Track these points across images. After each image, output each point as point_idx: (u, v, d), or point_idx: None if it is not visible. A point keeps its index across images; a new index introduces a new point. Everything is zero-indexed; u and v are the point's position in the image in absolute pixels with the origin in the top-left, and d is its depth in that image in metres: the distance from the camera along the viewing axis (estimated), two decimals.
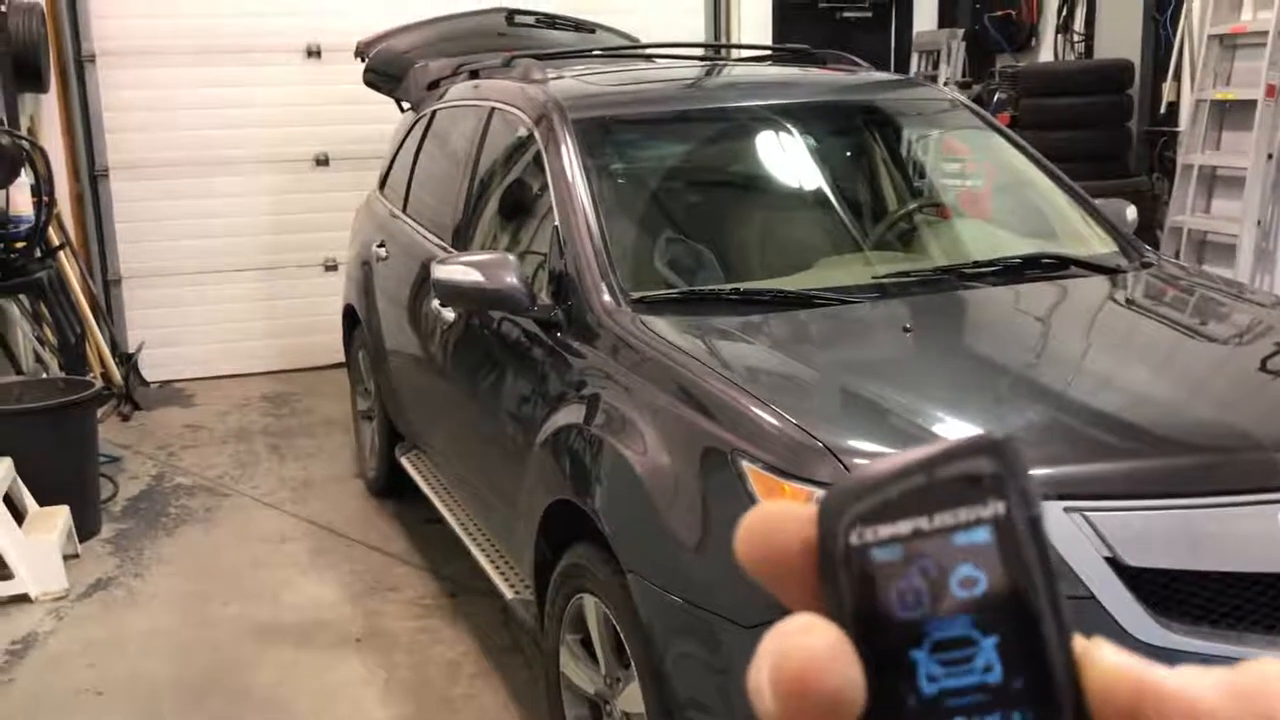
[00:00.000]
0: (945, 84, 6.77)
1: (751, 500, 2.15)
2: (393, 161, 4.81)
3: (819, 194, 3.42)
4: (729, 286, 2.99)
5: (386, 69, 5.32)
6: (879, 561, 0.33)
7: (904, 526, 0.33)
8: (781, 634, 0.32)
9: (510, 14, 4.26)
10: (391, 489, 4.65)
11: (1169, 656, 1.96)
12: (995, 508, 0.33)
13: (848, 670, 0.32)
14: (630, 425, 2.50)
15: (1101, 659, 0.32)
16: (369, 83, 5.46)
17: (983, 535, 0.33)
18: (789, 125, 3.44)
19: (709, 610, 2.21)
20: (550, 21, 5.32)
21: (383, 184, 4.86)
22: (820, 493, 0.36)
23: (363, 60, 5.50)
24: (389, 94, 5.27)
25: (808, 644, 0.32)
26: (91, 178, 6.43)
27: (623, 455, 2.45)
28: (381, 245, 4.47)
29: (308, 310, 6.64)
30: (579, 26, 5.37)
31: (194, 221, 6.58)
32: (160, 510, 4.78)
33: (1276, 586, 2.08)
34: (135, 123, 6.43)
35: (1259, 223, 5.25)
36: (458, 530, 3.64)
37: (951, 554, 0.33)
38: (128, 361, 6.23)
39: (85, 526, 4.42)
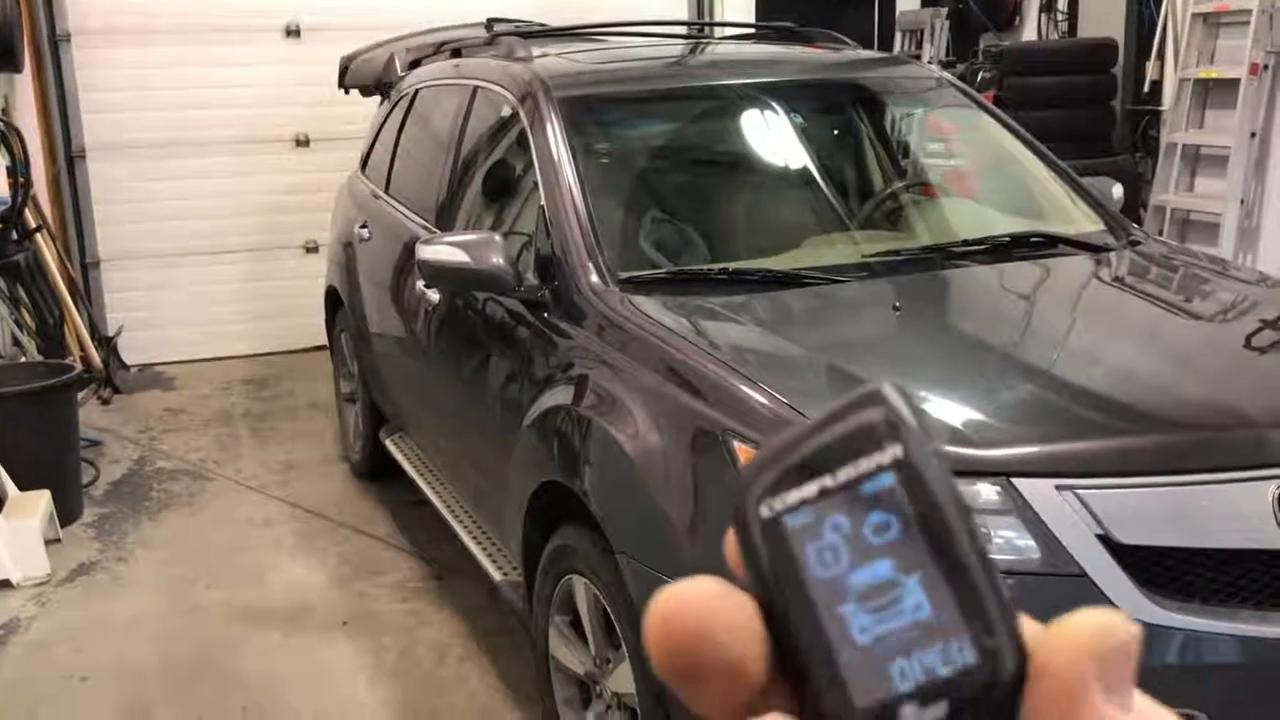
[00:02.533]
0: (930, 63, 6.75)
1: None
2: (374, 141, 4.76)
3: (805, 173, 3.40)
4: (717, 266, 2.97)
5: (364, 82, 5.29)
6: (792, 527, 0.33)
7: (810, 488, 0.33)
8: (672, 589, 0.32)
9: (489, 24, 4.23)
10: (376, 472, 4.62)
11: (1160, 633, 1.97)
12: (893, 451, 0.33)
13: (744, 622, 0.31)
14: (619, 406, 2.49)
15: (1069, 654, 0.31)
16: (348, 87, 5.41)
17: (887, 480, 0.33)
18: (775, 104, 3.42)
19: None
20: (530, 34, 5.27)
21: (364, 164, 4.82)
22: None
23: (342, 78, 5.45)
24: (373, 91, 5.21)
25: (700, 595, 0.32)
26: (68, 159, 6.35)
27: (612, 436, 2.44)
28: (364, 226, 4.44)
29: (289, 292, 6.58)
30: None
31: (173, 203, 6.50)
32: (142, 494, 4.74)
33: (1267, 563, 2.09)
34: (112, 103, 6.34)
35: (1242, 201, 5.27)
36: (444, 513, 3.63)
37: (860, 504, 0.33)
38: (107, 345, 6.17)
39: (67, 511, 4.38)
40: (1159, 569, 2.04)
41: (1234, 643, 2.01)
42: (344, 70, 5.46)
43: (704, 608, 0.32)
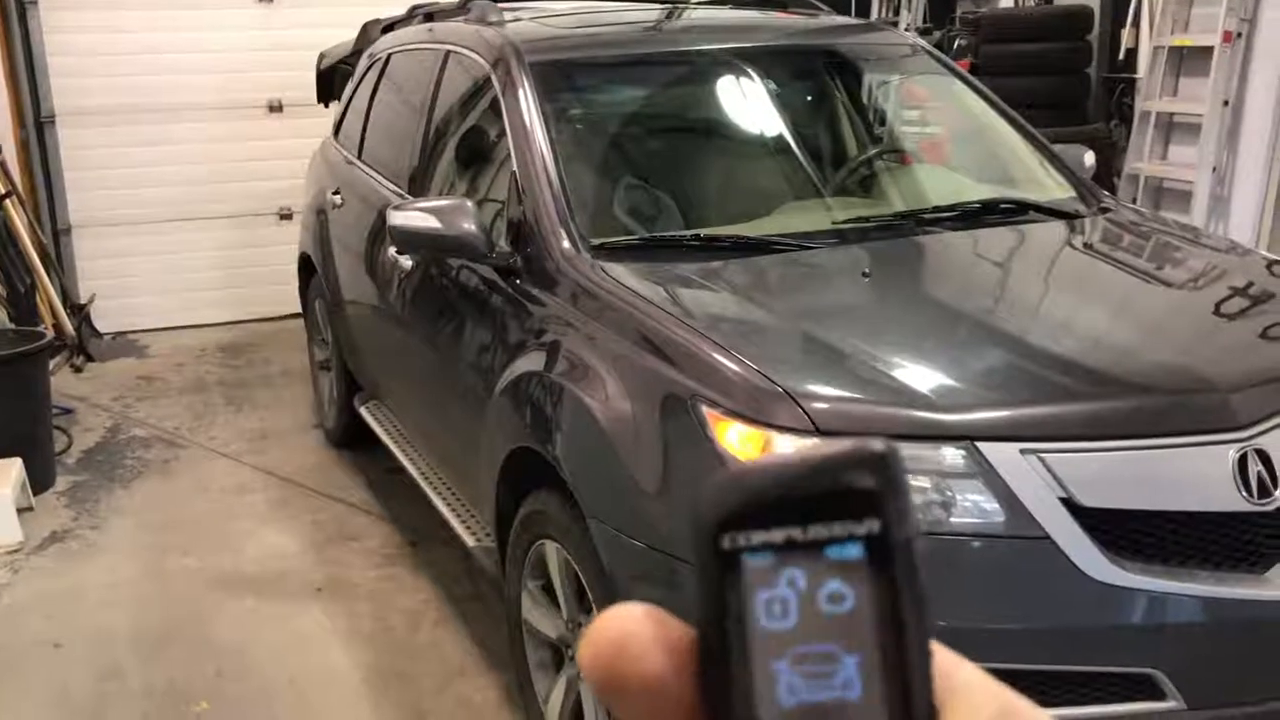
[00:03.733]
0: (906, 30, 6.73)
1: (711, 444, 2.15)
2: (347, 107, 4.72)
3: (779, 139, 3.40)
4: (689, 233, 2.97)
5: (342, 55, 5.23)
6: (750, 567, 0.32)
7: (777, 534, 0.32)
8: (603, 616, 0.32)
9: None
10: (351, 439, 4.62)
11: (1122, 594, 2.00)
12: (870, 525, 0.32)
13: (665, 653, 0.31)
14: (590, 372, 2.49)
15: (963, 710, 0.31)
16: (325, 71, 5.35)
17: (855, 551, 0.32)
18: (749, 69, 3.41)
19: (670, 554, 2.22)
20: None
21: (337, 130, 4.78)
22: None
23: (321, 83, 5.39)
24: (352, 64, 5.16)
25: (625, 624, 0.32)
26: (37, 124, 6.26)
27: (583, 402, 2.45)
28: (337, 193, 4.41)
29: (263, 260, 6.54)
30: None
31: (145, 170, 6.44)
32: (116, 462, 4.72)
33: (1226, 525, 2.12)
34: (82, 68, 6.25)
35: (1214, 169, 5.30)
36: (418, 479, 3.63)
37: (822, 567, 0.32)
38: (79, 312, 6.12)
39: (39, 479, 4.36)
40: (1121, 531, 2.07)
41: (1193, 603, 2.05)
42: (322, 75, 5.39)
43: (626, 624, 0.33)
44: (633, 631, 0.32)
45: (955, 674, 0.33)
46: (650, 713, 0.32)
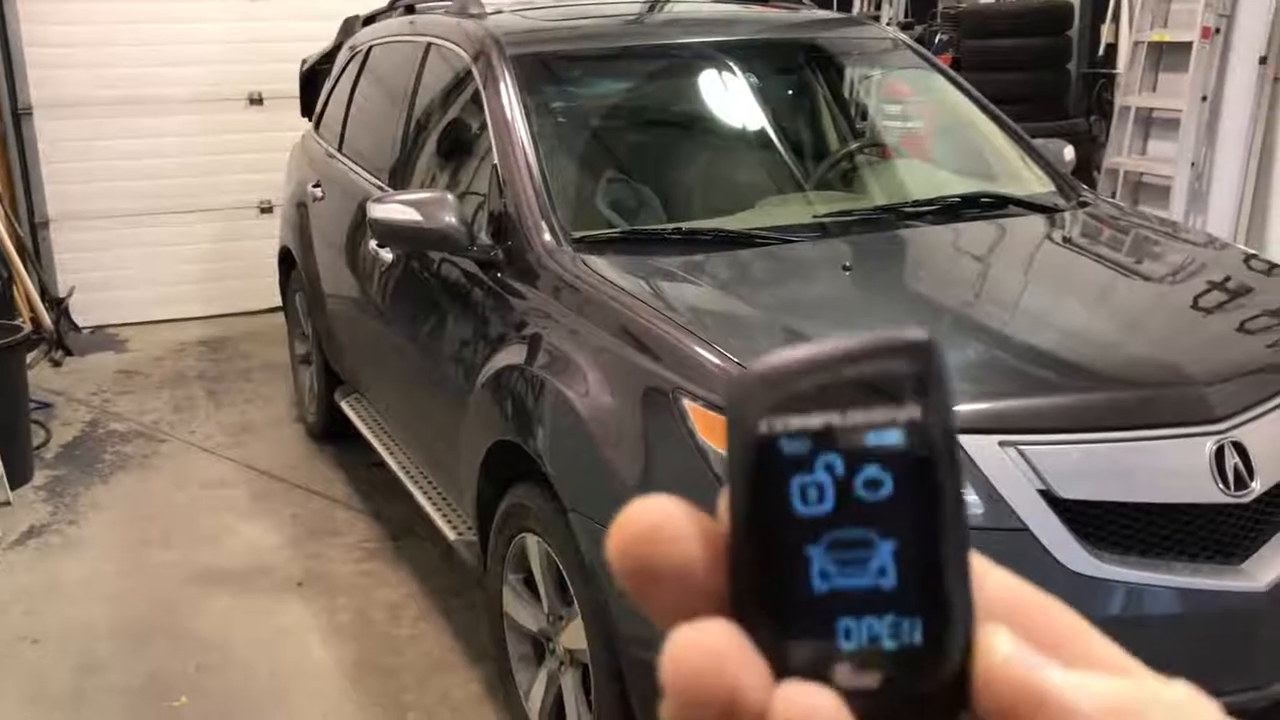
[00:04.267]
0: (888, 24, 6.74)
1: (693, 437, 2.16)
2: (328, 99, 4.70)
3: (761, 133, 3.40)
4: (670, 226, 2.97)
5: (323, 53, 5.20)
6: (786, 453, 0.32)
7: (816, 420, 0.32)
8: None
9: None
10: (332, 433, 4.60)
11: (1100, 586, 2.01)
12: (911, 411, 0.31)
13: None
14: (572, 365, 2.49)
15: (990, 651, 0.31)
16: (307, 78, 5.31)
17: (894, 438, 0.31)
18: (731, 63, 3.41)
19: None
20: None
21: (318, 123, 4.75)
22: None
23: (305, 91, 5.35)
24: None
25: (658, 511, 0.32)
26: (14, 116, 6.21)
27: (564, 395, 2.44)
28: (317, 186, 4.38)
29: (243, 253, 6.50)
30: None
31: (124, 162, 6.39)
32: (95, 456, 4.69)
33: (1203, 517, 2.13)
34: (59, 59, 6.20)
35: (1193, 164, 5.33)
36: (399, 473, 3.62)
37: (860, 453, 0.31)
38: (58, 306, 6.07)
39: (17, 474, 4.33)
40: (1099, 523, 2.08)
41: (1170, 595, 2.06)
42: (305, 83, 5.36)
43: (655, 513, 0.32)
44: (667, 517, 0.32)
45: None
46: (679, 603, 0.32)
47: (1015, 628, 0.31)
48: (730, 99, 3.47)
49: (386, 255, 3.49)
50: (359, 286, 3.85)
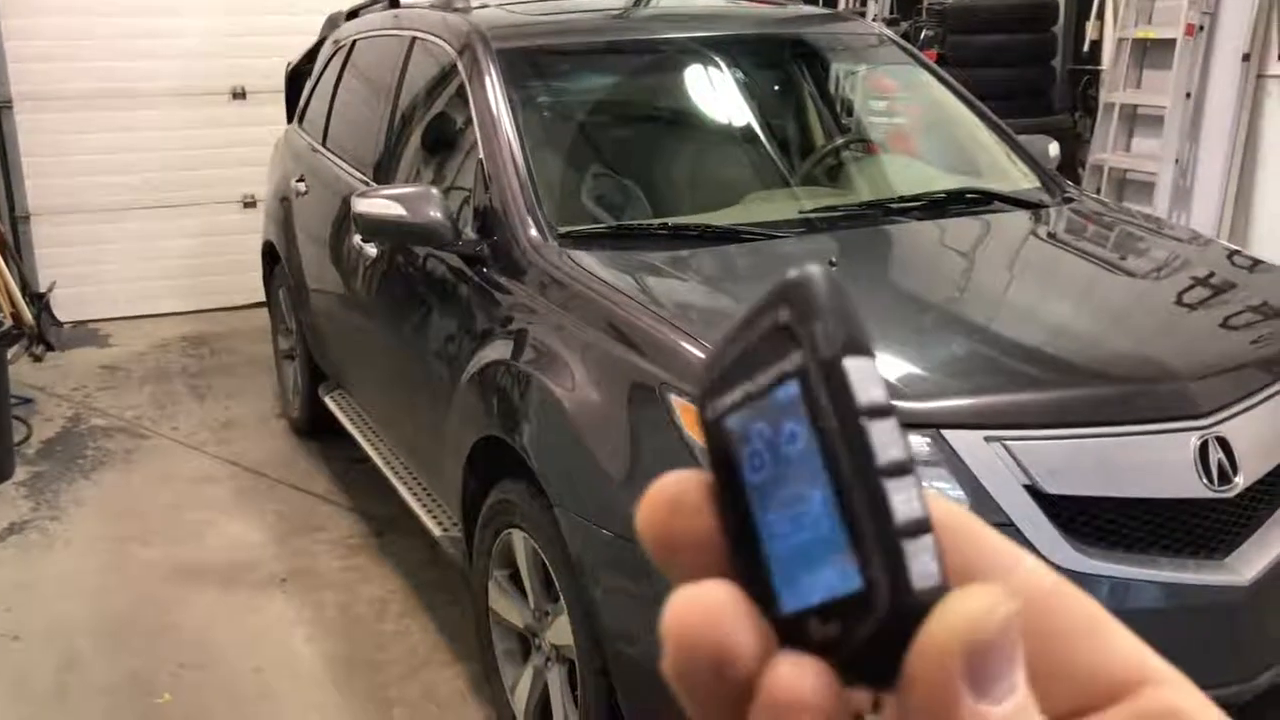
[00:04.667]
0: (874, 20, 6.75)
1: (679, 432, 2.15)
2: (311, 93, 4.67)
3: (747, 128, 3.40)
4: (657, 221, 2.96)
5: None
6: (730, 431, 0.33)
7: (738, 393, 0.33)
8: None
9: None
10: (316, 429, 4.58)
11: (1085, 581, 2.02)
12: (794, 357, 0.31)
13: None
14: (558, 360, 2.48)
15: (939, 617, 0.29)
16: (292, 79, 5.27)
17: (792, 389, 0.31)
18: (717, 58, 3.40)
19: (637, 542, 2.21)
20: None
21: (301, 117, 4.73)
22: None
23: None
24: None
25: (678, 486, 0.33)
26: None
27: (550, 390, 2.44)
28: (301, 180, 4.36)
29: (226, 248, 6.46)
30: None
31: (106, 156, 6.34)
32: (77, 453, 4.66)
33: (1187, 512, 2.14)
34: (40, 52, 6.15)
35: (1177, 160, 5.35)
36: (384, 469, 3.61)
37: (775, 412, 0.32)
38: (39, 301, 6.03)
39: None
40: (1084, 518, 2.09)
41: (1154, 589, 2.07)
42: (290, 85, 5.32)
43: (679, 487, 0.34)
44: (686, 491, 0.33)
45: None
46: (699, 570, 0.33)
47: (1026, 617, 0.29)
48: (716, 94, 3.47)
49: (371, 250, 3.48)
50: (343, 281, 3.84)
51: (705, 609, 0.31)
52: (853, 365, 0.31)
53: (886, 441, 0.31)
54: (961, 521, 0.33)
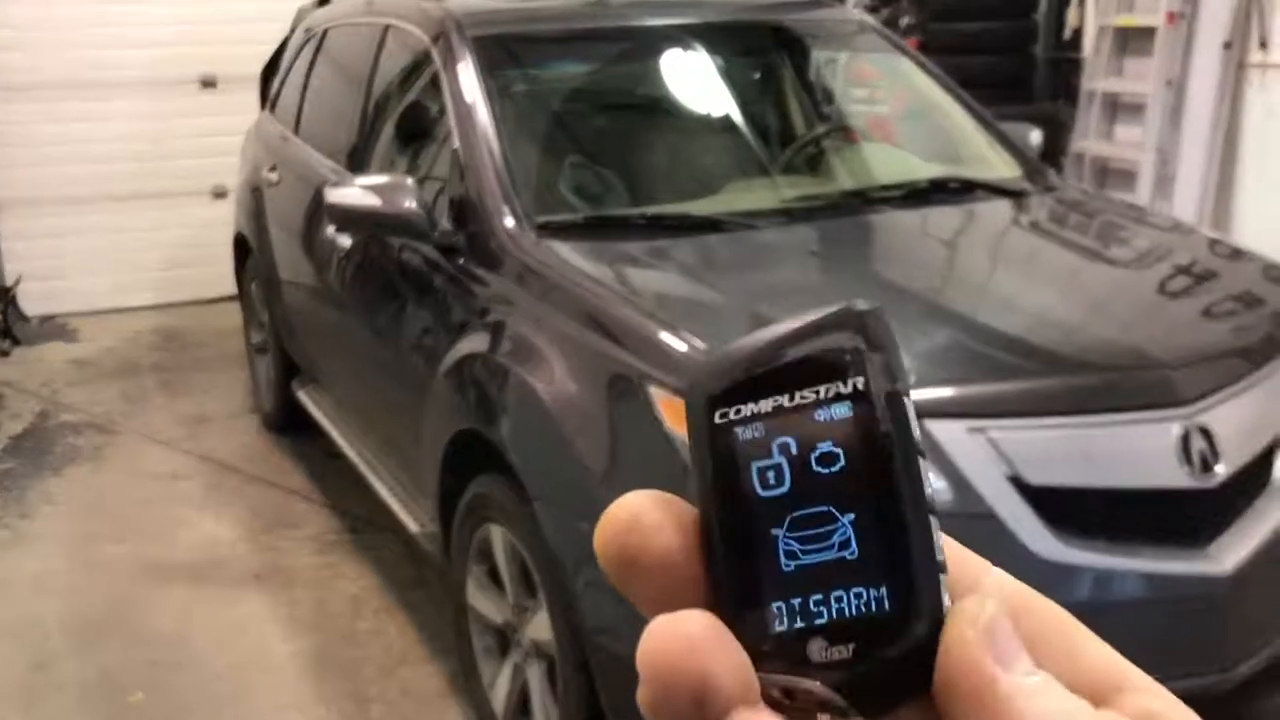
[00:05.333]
0: (854, 7, 6.71)
1: (659, 424, 2.12)
2: (283, 82, 4.60)
3: (727, 117, 3.36)
4: (635, 211, 2.92)
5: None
6: (742, 440, 0.32)
7: (766, 404, 0.32)
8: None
9: None
10: (289, 424, 4.52)
11: (1067, 571, 2.00)
12: (854, 382, 0.32)
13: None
14: (536, 352, 2.44)
15: (959, 626, 0.31)
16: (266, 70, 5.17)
17: (842, 411, 0.32)
18: (697, 45, 3.36)
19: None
20: None
21: (273, 105, 4.66)
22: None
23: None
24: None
25: (636, 504, 0.33)
26: None
27: (528, 383, 2.40)
28: (273, 170, 4.29)
29: (197, 240, 6.37)
30: None
31: (74, 146, 6.23)
32: (45, 449, 4.58)
33: (1169, 501, 2.13)
34: (6, 41, 6.04)
35: (1158, 149, 5.35)
36: (358, 464, 3.56)
37: (812, 431, 0.32)
38: (5, 295, 5.93)
39: None
40: (1067, 508, 2.06)
41: (1137, 579, 2.05)
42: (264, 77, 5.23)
43: (638, 505, 0.33)
44: (645, 510, 0.33)
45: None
46: (662, 590, 0.33)
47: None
48: (696, 82, 3.43)
49: (344, 241, 3.42)
50: (316, 273, 3.78)
51: (687, 640, 0.30)
52: (909, 403, 0.32)
53: (929, 478, 0.32)
54: None
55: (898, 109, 3.83)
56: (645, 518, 0.33)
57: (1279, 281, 2.69)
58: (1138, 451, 2.13)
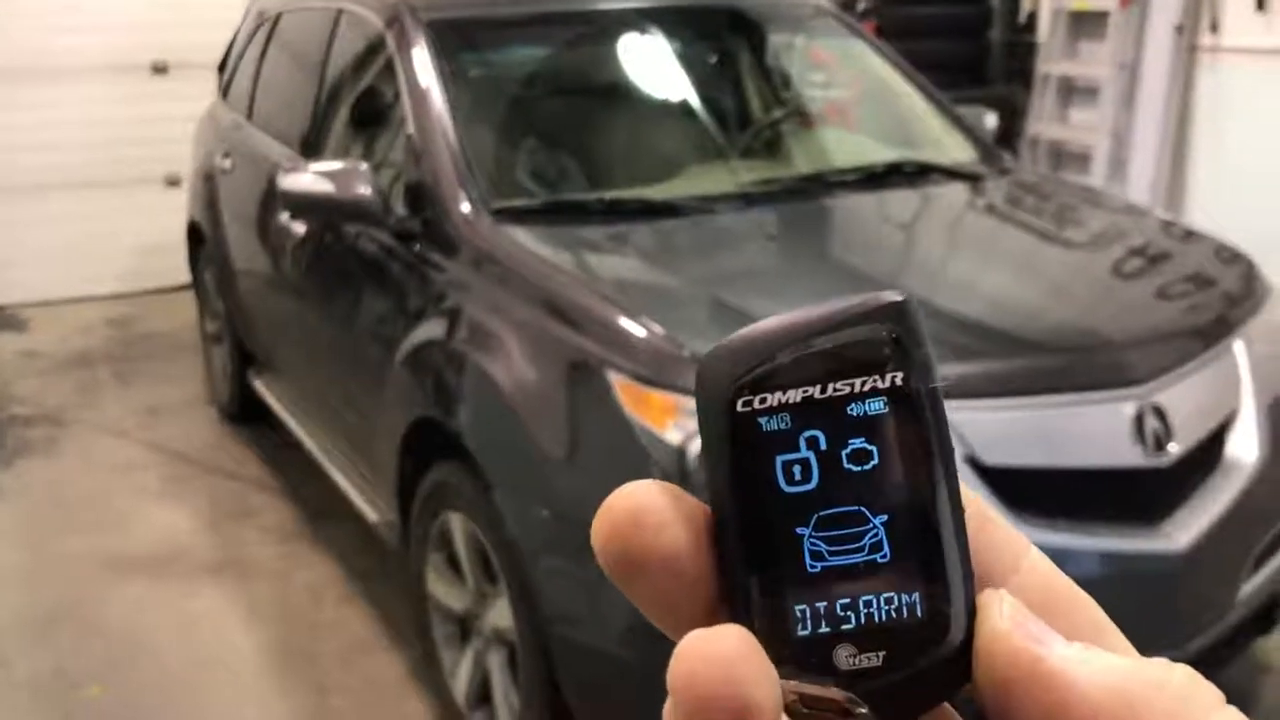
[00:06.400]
0: None
1: (618, 410, 2.11)
2: (235, 68, 4.53)
3: (684, 101, 3.35)
4: (593, 196, 2.91)
5: None
6: (766, 431, 0.30)
7: (794, 394, 0.30)
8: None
9: None
10: (246, 414, 4.46)
11: None
12: (893, 378, 0.30)
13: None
14: (494, 339, 2.43)
15: (989, 620, 0.30)
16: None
17: (877, 406, 0.30)
18: (653, 29, 3.35)
19: (577, 522, 2.17)
20: None
21: (225, 91, 4.59)
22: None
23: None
24: None
25: (642, 496, 0.30)
26: None
27: (486, 370, 2.38)
28: (226, 157, 4.23)
29: (149, 228, 6.26)
30: None
31: (23, 134, 6.10)
32: None
33: (1124, 480, 2.15)
34: None
35: (1113, 132, 5.40)
36: (316, 454, 3.52)
37: (844, 426, 0.30)
38: None
39: None
40: (1022, 488, 2.08)
41: (1093, 558, 2.07)
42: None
43: (643, 496, 0.31)
44: (651, 503, 0.30)
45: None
46: (667, 591, 0.31)
47: (1038, 603, 0.31)
48: (653, 66, 3.41)
49: (299, 228, 3.38)
50: (271, 261, 3.73)
51: (725, 664, 0.28)
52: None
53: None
54: (976, 510, 0.32)
55: (855, 93, 3.83)
56: (650, 512, 0.30)
57: (1230, 262, 2.73)
58: (1092, 431, 2.16)
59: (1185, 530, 2.15)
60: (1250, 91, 4.94)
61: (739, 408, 0.30)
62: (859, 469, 0.30)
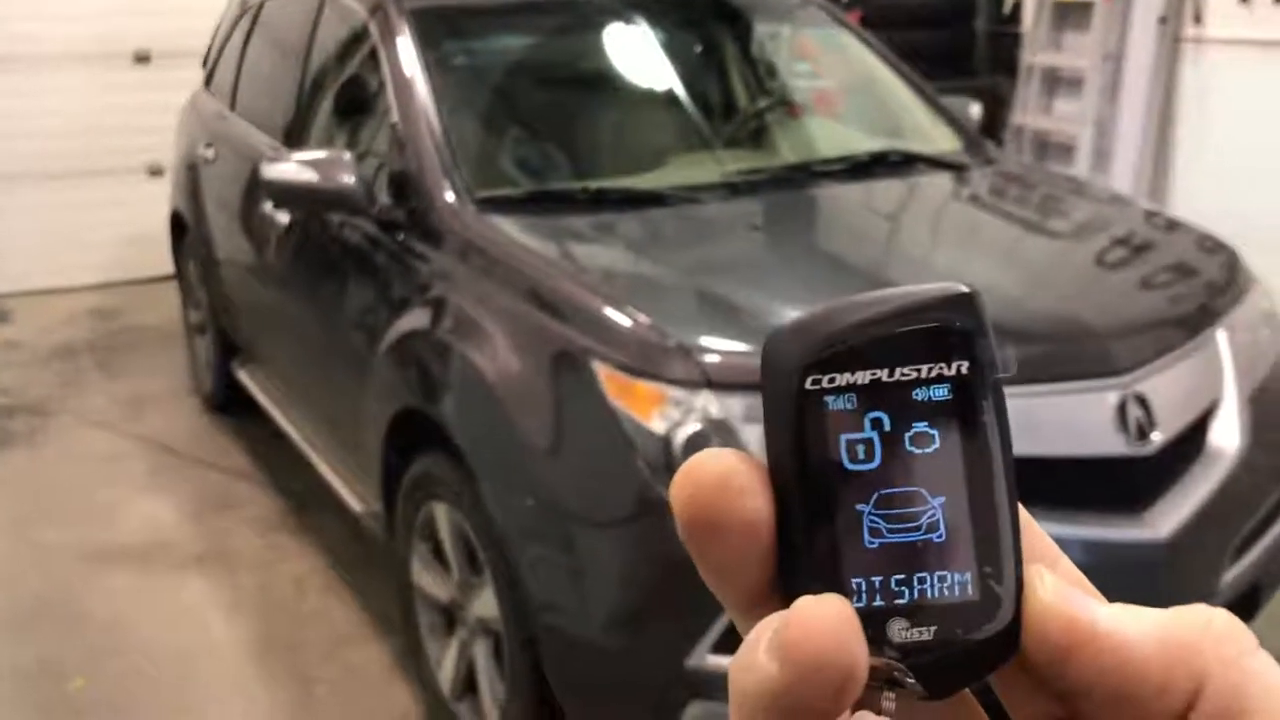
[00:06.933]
0: None
1: (604, 400, 2.11)
2: (219, 55, 4.50)
3: (670, 90, 3.34)
4: (578, 185, 2.90)
5: None
6: (832, 410, 0.32)
7: (862, 376, 0.32)
8: (697, 457, 0.31)
9: None
10: (230, 404, 4.44)
11: None
12: (959, 365, 0.32)
13: (766, 493, 0.31)
14: (478, 329, 2.42)
15: (1035, 594, 0.32)
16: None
17: (942, 393, 0.32)
18: (639, 18, 3.34)
19: (562, 512, 2.17)
20: None
21: (209, 80, 4.56)
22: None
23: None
24: None
25: (727, 461, 0.31)
26: None
27: (471, 360, 2.38)
28: (209, 146, 4.21)
29: (132, 218, 6.21)
30: None
31: (3, 122, 6.05)
32: None
33: (1107, 469, 2.16)
34: None
35: (1096, 122, 5.41)
36: (301, 444, 3.51)
37: (908, 409, 0.32)
38: None
39: None
40: None
41: (1077, 546, 2.08)
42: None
43: (725, 462, 0.32)
44: (735, 469, 0.32)
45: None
46: (742, 557, 0.32)
47: None
48: (638, 55, 3.40)
49: (282, 218, 3.36)
50: (254, 251, 3.71)
51: (837, 626, 0.29)
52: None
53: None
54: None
55: (840, 83, 3.83)
56: (738, 475, 0.31)
57: (1213, 252, 2.74)
58: (1075, 420, 2.16)
59: (1168, 519, 2.16)
60: (1234, 83, 4.96)
61: (807, 385, 0.32)
62: (920, 451, 0.31)
